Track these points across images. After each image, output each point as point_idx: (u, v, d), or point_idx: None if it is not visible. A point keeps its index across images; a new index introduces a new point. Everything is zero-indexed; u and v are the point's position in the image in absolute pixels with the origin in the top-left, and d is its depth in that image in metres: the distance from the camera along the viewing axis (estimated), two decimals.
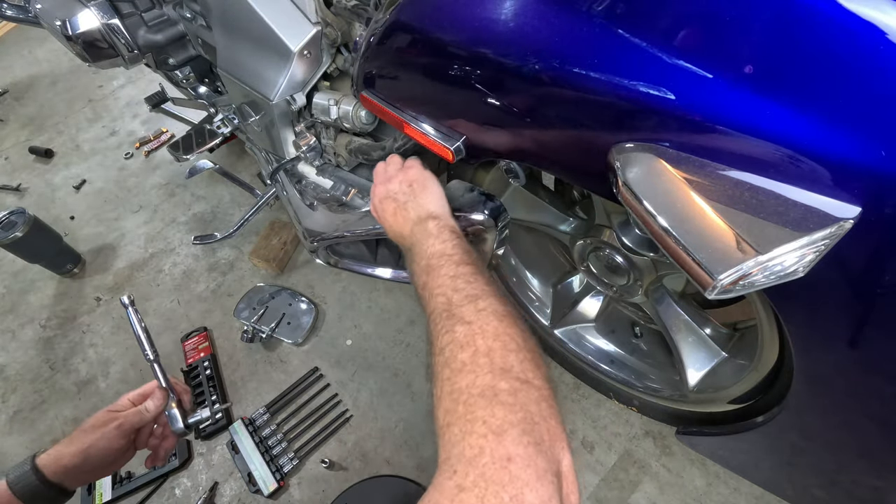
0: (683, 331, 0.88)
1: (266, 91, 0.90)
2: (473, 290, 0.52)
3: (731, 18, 0.42)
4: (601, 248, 0.85)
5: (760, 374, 0.72)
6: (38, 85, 2.36)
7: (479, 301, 0.50)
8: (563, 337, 1.11)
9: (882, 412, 0.53)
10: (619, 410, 1.14)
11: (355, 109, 0.84)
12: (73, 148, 2.01)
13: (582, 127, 0.53)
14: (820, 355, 0.55)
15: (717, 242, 0.42)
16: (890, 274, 0.43)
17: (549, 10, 0.51)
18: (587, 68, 0.49)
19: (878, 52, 0.37)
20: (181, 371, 1.31)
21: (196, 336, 1.37)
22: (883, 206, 0.39)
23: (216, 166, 1.45)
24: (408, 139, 0.77)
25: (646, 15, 0.46)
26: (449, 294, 0.52)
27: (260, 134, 1.06)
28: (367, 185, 0.98)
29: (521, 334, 0.47)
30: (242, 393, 1.27)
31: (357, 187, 1.00)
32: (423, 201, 0.67)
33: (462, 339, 0.47)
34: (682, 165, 0.45)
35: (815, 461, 0.67)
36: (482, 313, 0.48)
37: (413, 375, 1.24)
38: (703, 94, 0.44)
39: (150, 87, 2.16)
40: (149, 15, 1.08)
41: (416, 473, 1.10)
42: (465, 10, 0.57)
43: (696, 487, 1.03)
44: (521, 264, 1.13)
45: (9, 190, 1.88)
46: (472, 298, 0.50)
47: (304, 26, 0.81)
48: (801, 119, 0.40)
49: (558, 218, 0.95)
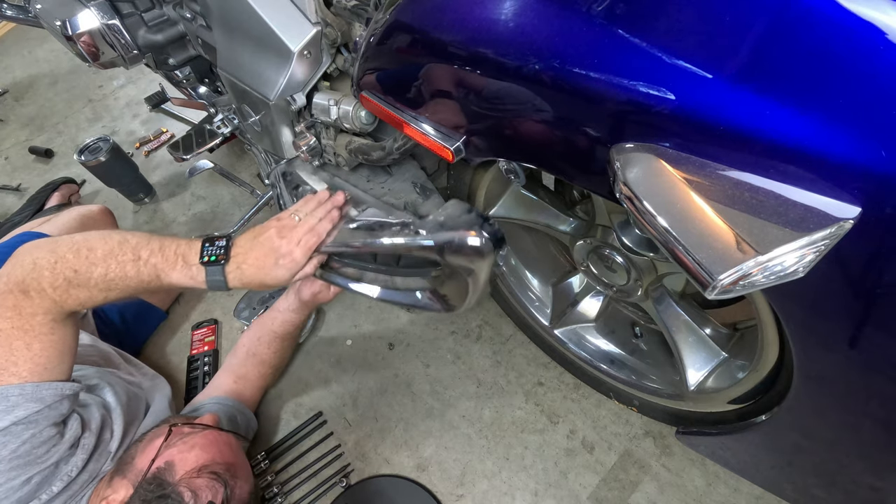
0: (683, 331, 0.88)
1: (266, 91, 0.90)
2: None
3: (731, 18, 0.42)
4: (601, 248, 0.85)
5: (760, 374, 0.73)
6: (38, 85, 2.36)
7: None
8: (563, 337, 1.11)
9: (882, 412, 0.53)
10: (619, 410, 1.14)
11: (355, 109, 0.84)
12: (73, 148, 2.00)
13: (582, 127, 0.54)
14: (820, 355, 0.55)
15: (717, 242, 0.42)
16: (890, 274, 0.43)
17: (549, 10, 0.51)
18: (587, 68, 0.49)
19: (878, 51, 0.37)
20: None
21: (206, 327, 1.38)
22: (883, 206, 0.39)
23: (216, 166, 1.44)
24: (408, 139, 0.77)
25: (645, 15, 0.46)
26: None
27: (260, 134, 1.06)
28: (362, 196, 0.92)
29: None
30: None
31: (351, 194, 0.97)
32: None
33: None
34: (682, 165, 0.45)
35: (815, 461, 0.67)
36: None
37: (413, 375, 1.24)
38: (703, 94, 0.44)
39: (150, 87, 2.16)
40: (149, 15, 1.07)
41: (416, 473, 1.10)
42: (465, 9, 0.57)
43: (696, 487, 1.03)
44: (521, 264, 1.13)
45: (9, 190, 1.88)
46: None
47: (304, 26, 0.81)
48: (801, 119, 0.40)
49: (558, 218, 0.95)
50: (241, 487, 0.78)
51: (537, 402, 1.17)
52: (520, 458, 1.10)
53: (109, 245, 0.71)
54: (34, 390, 0.68)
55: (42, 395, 0.68)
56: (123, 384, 0.97)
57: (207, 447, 0.80)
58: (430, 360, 1.26)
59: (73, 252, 0.69)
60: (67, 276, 0.68)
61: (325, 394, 1.24)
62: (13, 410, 0.66)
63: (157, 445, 0.79)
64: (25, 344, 0.68)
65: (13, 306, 0.67)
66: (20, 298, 0.67)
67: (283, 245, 0.75)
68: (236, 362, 1.13)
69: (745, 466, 0.82)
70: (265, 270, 0.74)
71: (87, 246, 0.70)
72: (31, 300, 0.67)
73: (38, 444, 0.69)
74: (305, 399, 1.24)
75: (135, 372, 1.13)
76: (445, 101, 0.66)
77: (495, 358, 1.25)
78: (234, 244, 0.75)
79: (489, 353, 1.25)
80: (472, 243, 0.69)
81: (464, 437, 1.14)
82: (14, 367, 0.67)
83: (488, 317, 1.31)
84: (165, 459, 0.77)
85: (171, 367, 1.32)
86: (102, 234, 0.73)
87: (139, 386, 1.06)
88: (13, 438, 0.66)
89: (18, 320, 0.67)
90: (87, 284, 0.69)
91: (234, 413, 1.06)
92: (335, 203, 0.82)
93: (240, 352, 1.14)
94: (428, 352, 1.27)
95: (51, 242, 0.71)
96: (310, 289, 1.05)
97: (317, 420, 1.19)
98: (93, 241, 0.71)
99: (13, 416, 0.66)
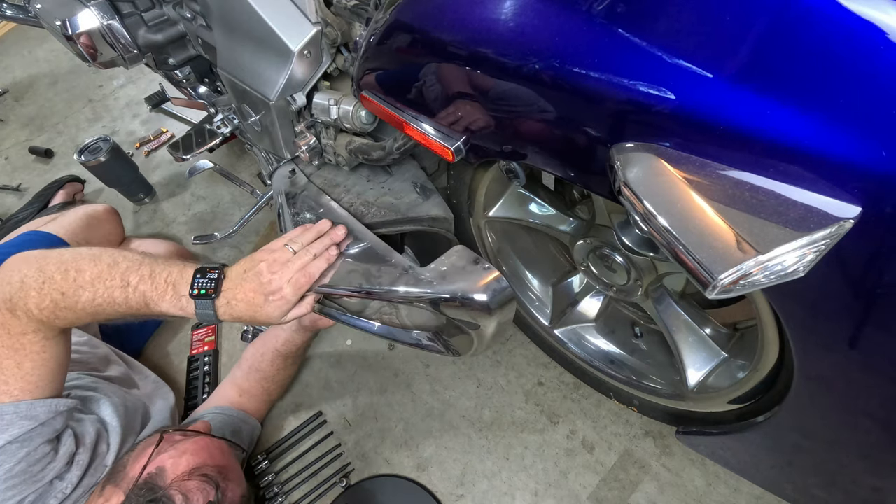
0: (683, 331, 0.88)
1: (266, 91, 0.90)
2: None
3: (731, 18, 0.42)
4: (601, 247, 0.85)
5: (761, 374, 0.72)
6: (38, 85, 2.36)
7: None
8: (563, 337, 1.11)
9: (882, 412, 0.53)
10: (619, 410, 1.14)
11: (355, 109, 0.84)
12: (73, 148, 2.00)
13: (582, 126, 0.54)
14: (820, 355, 0.55)
15: (717, 242, 0.42)
16: (890, 274, 0.43)
17: (550, 10, 0.51)
18: (587, 68, 0.49)
19: (879, 51, 0.37)
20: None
21: (206, 327, 1.37)
22: (883, 206, 0.39)
23: (216, 166, 1.44)
24: (408, 139, 0.77)
25: (645, 14, 0.46)
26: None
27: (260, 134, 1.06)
28: (363, 233, 0.81)
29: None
30: None
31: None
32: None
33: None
34: (682, 165, 0.45)
35: (815, 461, 0.67)
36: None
37: (413, 375, 1.24)
38: (704, 94, 0.44)
39: (150, 87, 2.16)
40: (149, 15, 1.07)
41: (416, 473, 1.10)
42: (465, 9, 0.57)
43: (696, 487, 1.03)
44: (521, 264, 1.13)
45: (9, 190, 1.88)
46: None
47: (304, 26, 0.81)
48: (802, 119, 0.40)
49: (558, 218, 0.95)
50: (232, 490, 0.77)
51: (537, 402, 1.17)
52: (520, 458, 1.10)
53: (99, 268, 0.68)
54: (28, 408, 0.66)
55: (36, 412, 0.67)
56: (121, 393, 0.95)
57: (198, 452, 0.79)
58: (430, 360, 1.26)
59: (61, 273, 0.66)
60: (54, 297, 0.66)
61: (325, 394, 1.24)
62: (7, 429, 0.65)
63: (149, 453, 0.77)
64: (16, 363, 0.66)
65: (1, 324, 0.65)
66: (7, 317, 0.66)
67: (274, 281, 0.70)
68: (240, 375, 1.13)
69: (745, 466, 0.82)
70: (255, 307, 0.70)
71: (75, 267, 0.67)
72: (19, 320, 0.66)
73: (34, 462, 0.68)
74: (305, 399, 1.24)
75: (135, 376, 1.12)
76: (445, 100, 0.66)
77: (495, 358, 1.25)
78: (227, 276, 0.72)
79: (489, 353, 1.25)
80: (479, 299, 0.62)
81: (464, 437, 1.14)
82: (5, 387, 0.66)
83: None
84: (156, 465, 0.75)
85: (171, 367, 1.32)
86: (93, 254, 0.70)
87: (139, 391, 1.05)
88: (8, 458, 0.65)
89: (8, 339, 0.66)
90: (74, 308, 0.67)
91: (239, 424, 1.06)
92: (334, 239, 0.77)
93: (244, 365, 1.14)
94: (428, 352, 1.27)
95: (40, 259, 0.68)
96: (309, 315, 1.01)
97: (317, 420, 1.19)
98: (82, 261, 0.68)
99: (7, 434, 0.65)
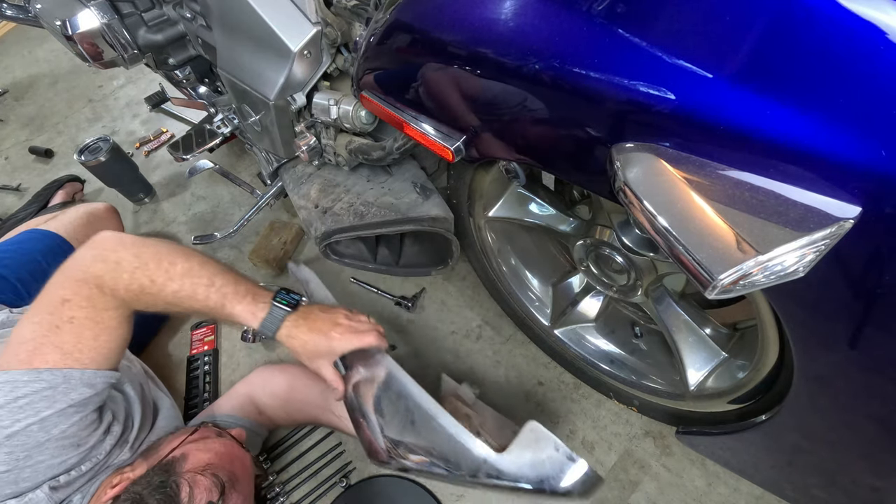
0: (683, 331, 0.88)
1: (266, 91, 0.90)
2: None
3: (731, 18, 0.42)
4: (601, 247, 0.85)
5: (761, 374, 0.73)
6: (38, 85, 2.36)
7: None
8: (563, 337, 1.11)
9: (882, 412, 0.53)
10: (619, 410, 1.14)
11: (355, 109, 0.84)
12: (73, 148, 2.00)
13: (582, 127, 0.54)
14: (820, 355, 0.55)
15: (717, 242, 0.42)
16: (890, 274, 0.43)
17: (549, 10, 0.51)
18: (587, 68, 0.49)
19: (879, 51, 0.37)
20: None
21: (205, 327, 1.37)
22: (883, 206, 0.39)
23: (216, 166, 1.44)
24: (408, 139, 0.77)
25: (645, 14, 0.46)
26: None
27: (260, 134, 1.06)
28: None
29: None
30: None
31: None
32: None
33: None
34: (682, 165, 0.45)
35: (815, 461, 0.67)
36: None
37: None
38: (704, 94, 0.44)
39: (150, 87, 2.16)
40: (149, 15, 1.08)
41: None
42: (464, 9, 0.57)
43: (696, 487, 1.03)
44: (521, 264, 1.13)
45: (9, 190, 1.88)
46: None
47: (304, 26, 0.81)
48: (802, 119, 0.40)
49: (558, 218, 0.95)
50: (235, 500, 0.79)
51: (537, 402, 1.17)
52: None
53: (190, 263, 0.73)
54: (92, 376, 0.70)
55: (96, 381, 0.71)
56: (136, 378, 0.98)
57: (223, 454, 0.82)
58: (431, 361, 1.26)
59: (155, 262, 0.72)
60: (143, 283, 0.71)
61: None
62: (69, 393, 0.68)
63: (182, 438, 0.82)
64: (94, 335, 0.70)
65: (88, 297, 0.69)
66: (95, 292, 0.70)
67: (344, 322, 0.80)
68: (268, 401, 1.09)
69: (745, 466, 0.82)
70: (314, 335, 0.78)
71: (169, 259, 0.72)
72: (105, 296, 0.70)
73: (83, 427, 0.71)
74: None
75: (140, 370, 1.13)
76: (445, 100, 0.66)
77: (495, 358, 1.25)
78: (306, 305, 0.82)
79: (489, 353, 1.25)
80: (567, 490, 0.63)
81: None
82: (79, 354, 0.69)
83: (488, 317, 1.31)
84: (183, 451, 0.80)
85: (171, 366, 1.32)
86: (185, 251, 0.76)
87: (151, 384, 1.06)
88: (65, 419, 0.68)
89: (92, 311, 0.70)
90: (158, 295, 0.72)
91: (254, 437, 1.07)
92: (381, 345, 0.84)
93: (279, 394, 1.09)
94: (428, 352, 1.27)
95: (137, 245, 0.73)
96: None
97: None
98: (176, 255, 0.74)
99: (69, 398, 0.68)
